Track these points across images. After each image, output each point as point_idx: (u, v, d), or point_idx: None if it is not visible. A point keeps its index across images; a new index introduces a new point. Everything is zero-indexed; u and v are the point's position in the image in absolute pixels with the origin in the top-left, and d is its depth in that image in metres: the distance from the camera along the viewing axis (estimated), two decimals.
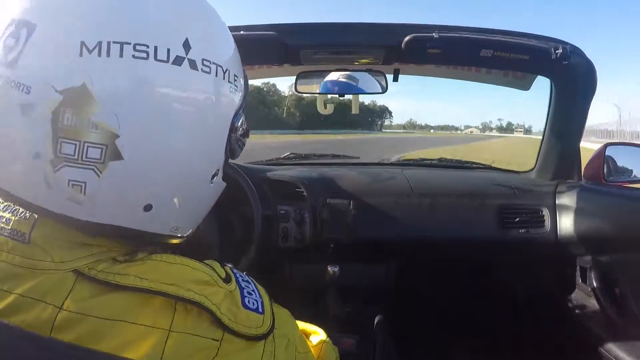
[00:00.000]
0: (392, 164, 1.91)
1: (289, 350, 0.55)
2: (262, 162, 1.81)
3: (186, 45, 0.46)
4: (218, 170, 0.56)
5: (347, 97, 1.51)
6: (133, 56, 0.43)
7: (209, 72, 0.48)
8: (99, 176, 0.44)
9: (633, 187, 1.46)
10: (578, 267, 1.42)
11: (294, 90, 1.41)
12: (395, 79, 1.41)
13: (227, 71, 0.51)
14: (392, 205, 1.41)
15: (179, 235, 0.57)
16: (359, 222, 1.32)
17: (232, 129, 0.54)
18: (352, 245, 1.33)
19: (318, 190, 1.39)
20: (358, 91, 1.39)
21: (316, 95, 1.50)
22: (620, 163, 1.57)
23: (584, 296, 1.36)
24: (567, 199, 1.41)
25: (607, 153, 1.54)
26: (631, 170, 1.56)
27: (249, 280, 0.55)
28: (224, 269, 0.53)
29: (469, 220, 1.41)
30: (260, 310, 0.52)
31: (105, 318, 0.44)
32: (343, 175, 1.55)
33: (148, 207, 0.49)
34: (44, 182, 0.44)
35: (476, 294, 1.80)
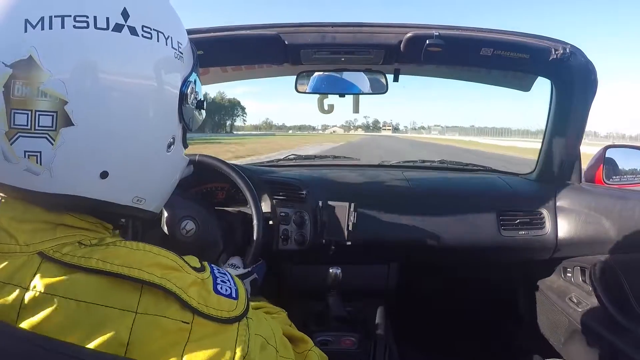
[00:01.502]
0: (392, 166, 1.91)
1: (267, 351, 0.55)
2: (262, 163, 1.81)
3: (125, 14, 0.49)
4: (174, 138, 0.57)
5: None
6: (74, 27, 0.46)
7: (150, 38, 0.51)
8: (52, 144, 0.46)
9: (633, 189, 1.46)
10: (578, 267, 1.41)
11: (294, 89, 1.41)
12: (396, 79, 1.41)
13: (170, 37, 0.53)
14: (392, 207, 1.40)
15: (144, 208, 0.57)
16: (360, 224, 1.31)
17: (182, 96, 0.56)
18: (352, 247, 1.32)
19: (318, 192, 1.39)
20: (349, 89, 1.38)
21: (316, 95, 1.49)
22: (620, 165, 1.57)
23: (585, 295, 1.35)
24: (567, 201, 1.41)
25: (607, 155, 1.54)
26: (631, 172, 1.56)
27: (226, 273, 0.56)
28: (202, 263, 0.55)
29: (469, 222, 1.40)
30: (233, 296, 0.53)
31: (71, 299, 0.45)
32: (343, 177, 1.54)
33: (104, 174, 0.50)
34: (1, 155, 0.46)
35: (476, 295, 1.79)
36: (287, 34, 1.21)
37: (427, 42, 1.14)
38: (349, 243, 1.30)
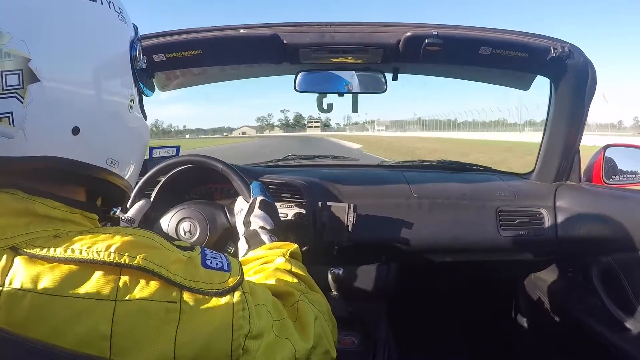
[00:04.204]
0: (391, 166, 1.90)
1: (266, 317, 0.54)
2: (261, 164, 1.80)
3: None
4: (133, 100, 0.59)
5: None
6: None
7: (96, 1, 0.55)
8: (22, 102, 0.47)
9: (632, 189, 1.46)
10: (578, 267, 1.41)
11: (293, 89, 1.38)
12: (395, 78, 1.41)
13: (111, 2, 0.58)
14: (391, 207, 1.40)
15: (118, 172, 0.58)
16: (359, 224, 1.31)
17: (132, 58, 0.60)
18: (352, 247, 1.32)
19: (318, 192, 1.38)
20: (348, 88, 1.37)
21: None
22: (619, 164, 1.57)
23: (586, 295, 1.35)
24: (566, 201, 1.41)
25: (606, 154, 1.54)
26: (631, 172, 1.56)
27: (220, 254, 0.55)
28: (194, 247, 0.54)
29: (468, 222, 1.40)
30: (225, 268, 0.52)
31: (44, 294, 0.43)
32: (343, 177, 1.54)
33: (76, 130, 0.51)
34: None
35: (476, 295, 1.78)
36: (286, 33, 1.21)
37: (426, 41, 1.14)
38: (348, 244, 1.30)
